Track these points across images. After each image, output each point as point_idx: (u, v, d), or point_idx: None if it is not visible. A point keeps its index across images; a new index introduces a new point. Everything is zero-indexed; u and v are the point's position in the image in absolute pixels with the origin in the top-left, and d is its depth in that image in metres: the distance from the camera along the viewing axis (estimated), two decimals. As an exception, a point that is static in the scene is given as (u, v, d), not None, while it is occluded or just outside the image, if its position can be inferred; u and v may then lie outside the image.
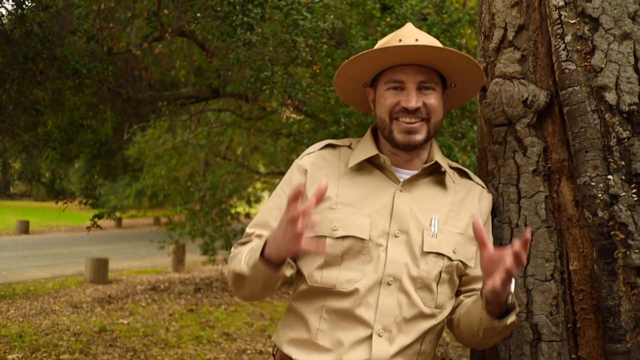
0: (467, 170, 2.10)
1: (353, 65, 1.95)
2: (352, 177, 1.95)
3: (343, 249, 1.85)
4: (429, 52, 1.85)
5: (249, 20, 5.37)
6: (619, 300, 1.86)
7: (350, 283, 1.84)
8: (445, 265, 1.88)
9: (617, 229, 1.86)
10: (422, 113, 1.90)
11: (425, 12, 7.54)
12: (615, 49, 1.92)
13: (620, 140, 1.89)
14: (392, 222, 1.88)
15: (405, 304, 1.84)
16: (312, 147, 2.06)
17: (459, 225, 1.95)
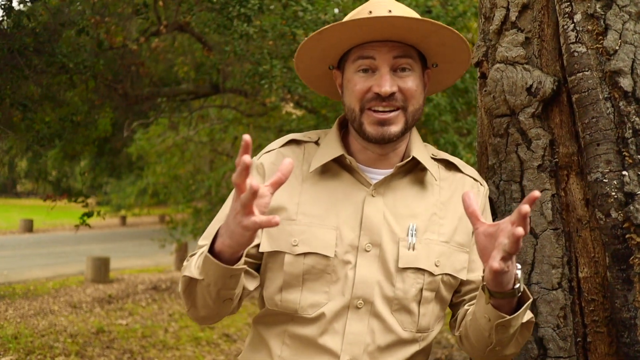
0: (455, 161, 1.81)
1: (316, 44, 1.65)
2: (316, 182, 1.68)
3: (304, 267, 1.59)
4: (405, 25, 1.55)
5: (246, 11, 5.18)
6: (635, 312, 1.64)
7: (314, 308, 1.59)
8: (426, 281, 1.62)
9: (633, 231, 1.64)
10: (397, 100, 1.61)
11: (429, 4, 7.33)
12: (630, 28, 1.70)
13: (637, 132, 1.67)
14: (361, 234, 1.61)
15: (378, 330, 1.59)
16: (273, 144, 1.79)
17: (443, 231, 1.68)
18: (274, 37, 6.22)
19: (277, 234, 1.62)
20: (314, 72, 1.79)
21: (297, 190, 1.66)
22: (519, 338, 1.58)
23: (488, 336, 1.52)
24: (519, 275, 1.42)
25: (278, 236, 1.62)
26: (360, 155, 1.71)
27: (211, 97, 9.42)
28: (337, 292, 1.58)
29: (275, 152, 1.74)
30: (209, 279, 1.45)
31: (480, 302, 1.51)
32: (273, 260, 1.64)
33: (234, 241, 1.36)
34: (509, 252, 1.29)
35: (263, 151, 1.76)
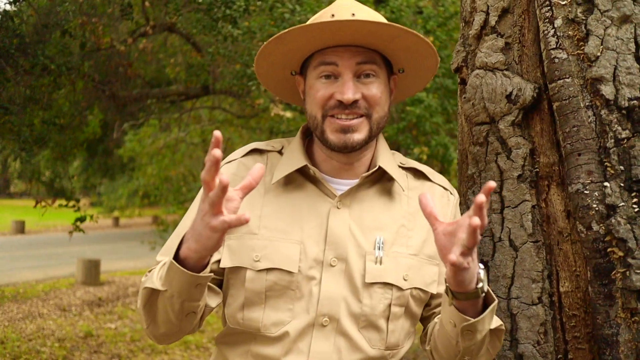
0: (424, 169, 1.74)
1: (276, 48, 1.57)
2: (279, 194, 1.60)
3: (267, 284, 1.52)
4: (368, 29, 1.47)
5: (231, 13, 5.10)
6: (617, 329, 1.58)
7: (278, 326, 1.51)
8: (394, 296, 1.55)
9: (615, 245, 1.58)
10: (360, 107, 1.54)
11: (421, 4, 7.27)
12: (612, 34, 1.64)
13: (619, 141, 1.61)
14: (326, 248, 1.53)
15: (345, 349, 1.51)
16: (235, 153, 1.71)
17: (412, 244, 1.61)
18: (262, 38, 6.15)
19: (239, 248, 1.55)
20: (276, 78, 1.71)
21: (259, 203, 1.59)
22: (490, 348, 1.53)
23: (455, 344, 1.46)
24: (482, 274, 1.36)
25: (239, 251, 1.55)
26: (324, 164, 1.64)
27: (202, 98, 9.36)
28: (302, 310, 1.51)
29: (236, 163, 1.66)
30: (173, 290, 1.37)
31: (445, 306, 1.45)
32: (234, 276, 1.56)
33: (200, 245, 1.29)
34: (467, 246, 1.23)
35: (224, 161, 1.68)
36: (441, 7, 7.27)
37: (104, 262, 12.04)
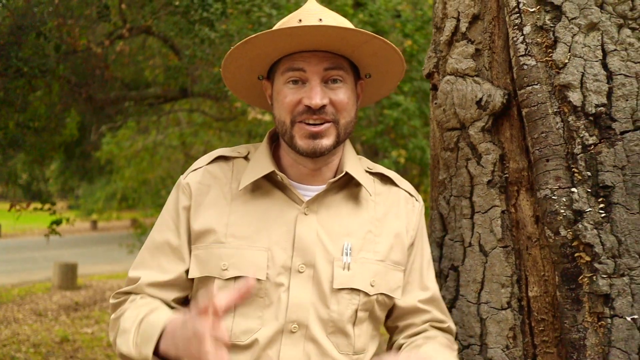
0: (391, 175, 1.74)
1: (243, 53, 1.56)
2: (246, 200, 1.60)
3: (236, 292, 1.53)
4: (335, 35, 1.47)
5: (208, 16, 5.08)
6: (584, 333, 1.60)
7: (247, 334, 1.50)
8: (361, 302, 1.55)
9: (582, 250, 1.60)
10: (328, 113, 1.54)
11: (399, 8, 7.30)
12: (580, 41, 1.66)
13: (586, 147, 1.63)
14: (294, 255, 1.53)
15: (314, 355, 1.51)
16: (200, 161, 1.70)
17: (378, 250, 1.61)
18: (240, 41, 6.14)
19: (206, 258, 1.55)
20: (243, 82, 1.70)
21: (226, 211, 1.58)
22: None
23: None
24: None
25: (207, 261, 1.54)
26: (291, 170, 1.64)
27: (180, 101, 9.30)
28: (271, 317, 1.51)
29: (202, 170, 1.65)
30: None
31: None
32: (203, 285, 1.56)
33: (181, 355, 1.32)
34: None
35: (190, 169, 1.67)
36: (419, 10, 7.31)
37: (82, 265, 11.93)
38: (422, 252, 1.72)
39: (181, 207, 1.60)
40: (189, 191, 1.61)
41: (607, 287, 1.57)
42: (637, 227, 1.58)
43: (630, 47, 1.63)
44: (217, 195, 1.60)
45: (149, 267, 1.60)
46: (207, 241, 1.55)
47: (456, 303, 1.85)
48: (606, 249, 1.58)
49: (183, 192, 1.62)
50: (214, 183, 1.62)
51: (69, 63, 6.70)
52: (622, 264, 1.57)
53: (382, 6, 7.05)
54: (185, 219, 1.60)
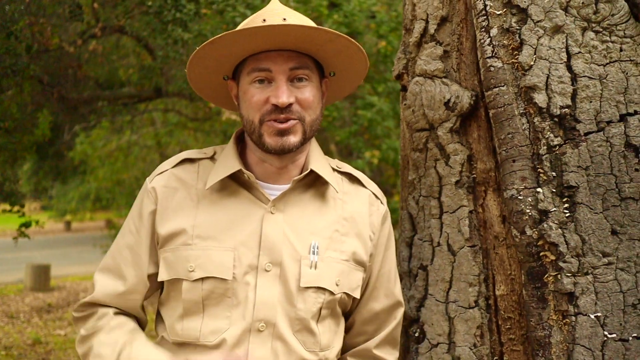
0: (359, 175, 1.76)
1: (208, 53, 1.57)
2: (213, 201, 1.60)
3: (203, 293, 1.51)
4: (300, 34, 1.49)
5: (182, 16, 5.06)
6: (549, 330, 1.62)
7: (216, 334, 1.50)
8: (326, 300, 1.57)
9: (547, 249, 1.63)
10: (294, 111, 1.55)
11: (374, 9, 7.33)
12: (545, 43, 1.69)
13: (551, 148, 1.66)
14: (261, 254, 1.54)
15: (282, 353, 1.52)
16: (166, 163, 1.69)
17: (344, 249, 1.63)
18: (215, 42, 6.12)
19: (175, 260, 1.55)
20: (209, 83, 1.71)
21: (193, 212, 1.58)
22: None
23: None
24: None
25: (175, 263, 1.54)
26: (258, 168, 1.64)
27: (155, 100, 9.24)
28: (239, 316, 1.51)
29: (167, 174, 1.65)
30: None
31: None
32: (173, 288, 1.56)
33: None
34: None
35: (155, 172, 1.67)
36: (394, 12, 7.35)
37: (55, 267, 11.79)
38: (391, 258, 1.75)
39: (146, 212, 1.61)
40: (155, 195, 1.61)
41: (571, 286, 1.60)
42: (601, 227, 1.61)
43: (594, 49, 1.66)
44: (183, 197, 1.60)
45: (110, 272, 1.62)
46: (175, 243, 1.55)
47: (425, 302, 1.87)
48: (570, 248, 1.60)
49: (148, 197, 1.62)
50: (180, 186, 1.62)
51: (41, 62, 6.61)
52: (586, 262, 1.60)
53: (356, 7, 7.08)
54: (149, 223, 1.60)
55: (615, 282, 1.59)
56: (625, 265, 1.60)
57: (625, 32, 1.66)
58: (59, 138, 10.97)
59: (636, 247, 1.60)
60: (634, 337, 1.57)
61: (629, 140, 1.62)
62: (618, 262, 1.60)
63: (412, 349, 1.89)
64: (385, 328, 1.74)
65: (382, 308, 1.73)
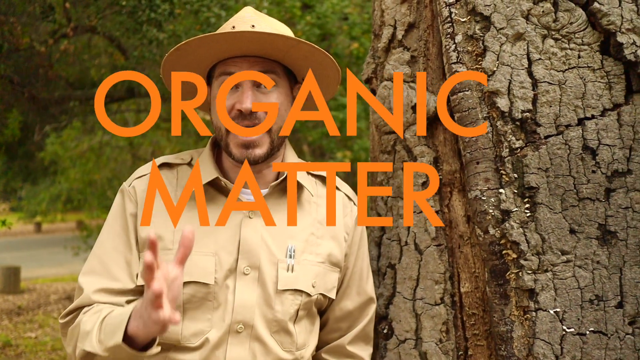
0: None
1: (177, 60, 1.60)
2: (192, 207, 1.62)
3: (185, 297, 1.54)
4: (264, 40, 1.53)
5: (156, 16, 5.06)
6: (511, 326, 1.69)
7: (197, 336, 1.54)
8: (303, 302, 1.63)
9: (509, 247, 1.70)
10: (259, 117, 1.58)
11: (346, 11, 7.39)
12: (507, 50, 1.75)
13: (513, 151, 1.73)
14: (239, 257, 1.58)
15: (260, 353, 1.57)
16: (144, 168, 1.71)
17: (320, 252, 1.68)
18: (188, 42, 6.12)
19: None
20: (184, 86, 1.74)
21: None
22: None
23: None
24: None
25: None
26: (232, 174, 1.68)
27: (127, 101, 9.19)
28: (219, 319, 1.55)
29: (146, 178, 1.66)
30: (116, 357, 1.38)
31: None
32: None
33: (148, 330, 1.30)
34: None
35: (133, 176, 1.69)
36: (366, 14, 7.42)
37: (25, 269, 11.65)
38: (362, 256, 1.81)
39: (128, 214, 1.62)
40: (135, 198, 1.63)
41: (531, 283, 1.67)
42: (560, 226, 1.68)
43: (554, 56, 1.74)
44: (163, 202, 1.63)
45: (98, 274, 1.59)
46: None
47: (393, 299, 1.93)
48: (531, 246, 1.67)
49: (129, 199, 1.63)
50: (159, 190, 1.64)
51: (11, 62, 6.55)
52: (546, 260, 1.67)
53: (329, 9, 7.14)
54: (133, 225, 1.61)
55: (573, 278, 1.67)
56: (583, 263, 1.67)
57: (583, 39, 1.73)
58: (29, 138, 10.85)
59: (593, 246, 1.68)
60: (590, 331, 1.65)
61: (586, 143, 1.69)
62: (576, 259, 1.67)
63: (381, 345, 1.94)
64: (358, 325, 1.79)
65: (354, 306, 1.78)
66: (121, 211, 1.63)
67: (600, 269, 1.67)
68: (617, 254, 1.67)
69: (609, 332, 1.65)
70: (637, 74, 1.71)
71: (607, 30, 1.72)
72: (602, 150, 1.69)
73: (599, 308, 1.66)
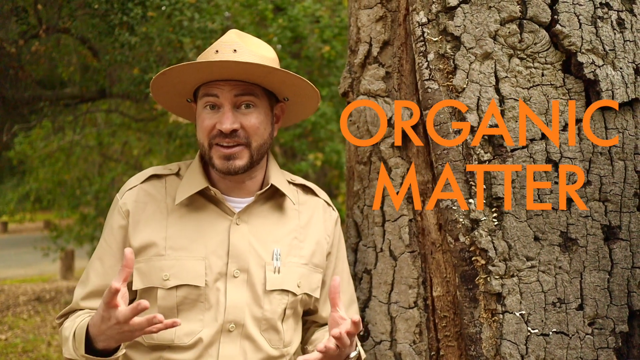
0: (311, 186, 1.94)
1: (165, 81, 1.72)
2: (182, 215, 1.74)
3: (177, 299, 1.66)
4: (243, 68, 1.64)
5: (129, 20, 5.09)
6: (480, 327, 1.81)
7: (190, 336, 1.65)
8: (290, 301, 1.75)
9: (478, 254, 1.81)
10: (240, 136, 1.69)
11: (318, 14, 7.48)
12: (476, 68, 1.87)
13: (482, 163, 1.84)
14: (229, 261, 1.70)
15: (250, 350, 1.69)
16: (134, 179, 1.82)
17: (303, 254, 1.80)
18: (160, 44, 6.15)
19: (148, 270, 1.67)
20: (174, 103, 1.85)
21: (164, 225, 1.71)
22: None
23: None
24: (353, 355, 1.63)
25: (149, 272, 1.67)
26: (220, 184, 1.78)
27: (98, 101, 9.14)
28: (211, 319, 1.66)
29: (137, 189, 1.77)
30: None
31: None
32: (147, 295, 1.69)
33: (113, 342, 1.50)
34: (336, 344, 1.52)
35: (125, 188, 1.79)
36: (337, 17, 7.52)
37: (-8, 270, 11.50)
38: (343, 259, 1.94)
39: (116, 226, 1.74)
40: (126, 210, 1.73)
41: (499, 287, 1.78)
42: (525, 234, 1.80)
43: (519, 74, 1.85)
44: (153, 211, 1.73)
45: (82, 283, 1.76)
46: (148, 254, 1.68)
47: (369, 303, 2.03)
48: (498, 253, 1.79)
49: (119, 213, 1.74)
50: (149, 200, 1.75)
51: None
52: (512, 266, 1.79)
53: (301, 12, 7.22)
54: (120, 236, 1.73)
55: (537, 283, 1.79)
56: (546, 268, 1.80)
57: (546, 59, 1.85)
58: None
59: (555, 252, 1.80)
60: (553, 332, 1.77)
61: (549, 156, 1.82)
62: (540, 265, 1.80)
63: (358, 346, 2.05)
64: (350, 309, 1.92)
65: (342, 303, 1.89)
66: (110, 224, 1.76)
67: (562, 274, 1.80)
68: (577, 259, 1.80)
69: (570, 333, 1.78)
70: (596, 91, 1.84)
71: (568, 50, 1.84)
72: (563, 163, 1.81)
73: (561, 310, 1.78)
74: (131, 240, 1.70)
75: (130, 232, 1.71)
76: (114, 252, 1.73)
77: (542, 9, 1.84)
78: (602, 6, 1.88)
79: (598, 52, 1.84)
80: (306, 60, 7.16)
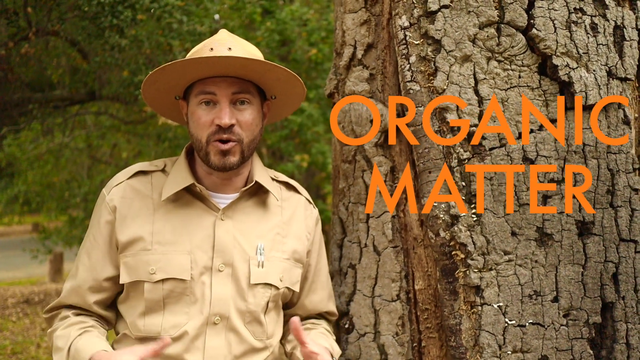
0: (293, 183, 2.01)
1: (160, 77, 1.77)
2: (168, 210, 1.80)
3: (164, 293, 1.72)
4: (242, 64, 1.70)
5: (118, 22, 5.14)
6: (460, 319, 1.88)
7: (176, 328, 1.71)
8: (272, 294, 1.81)
9: (458, 249, 1.89)
10: (235, 133, 1.76)
11: (305, 17, 7.55)
12: (456, 70, 1.94)
13: (461, 161, 1.92)
14: (214, 256, 1.76)
15: (234, 342, 1.75)
16: (121, 175, 1.86)
17: (285, 249, 1.87)
18: (150, 47, 6.20)
19: (135, 264, 1.73)
20: (163, 102, 1.90)
21: (150, 220, 1.77)
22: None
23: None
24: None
25: (136, 266, 1.73)
26: (206, 180, 1.84)
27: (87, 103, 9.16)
28: (197, 312, 1.72)
29: (123, 185, 1.82)
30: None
31: None
32: (134, 289, 1.75)
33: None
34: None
35: (111, 184, 1.83)
36: (324, 20, 7.59)
37: (-21, 273, 11.45)
38: (323, 255, 2.01)
39: (103, 221, 1.78)
40: (113, 206, 1.78)
41: (478, 280, 1.86)
42: (502, 229, 1.88)
43: (497, 76, 1.93)
44: (140, 207, 1.79)
45: (71, 277, 1.81)
46: (135, 249, 1.74)
47: (354, 297, 2.11)
48: (477, 247, 1.87)
49: (106, 208, 1.79)
50: (135, 196, 1.80)
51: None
52: (490, 260, 1.87)
53: (289, 15, 7.29)
54: (106, 231, 1.78)
55: (514, 276, 1.87)
56: (523, 262, 1.87)
57: (523, 61, 1.93)
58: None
59: (532, 246, 1.88)
60: (530, 323, 1.85)
61: (526, 155, 1.90)
62: (517, 259, 1.87)
63: (343, 339, 2.12)
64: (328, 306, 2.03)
65: (320, 299, 1.99)
66: (97, 219, 1.80)
67: (538, 268, 1.87)
68: (553, 254, 1.88)
69: (545, 324, 1.85)
70: (570, 93, 1.92)
71: (544, 53, 1.92)
72: (539, 161, 1.89)
73: (537, 302, 1.86)
74: (118, 235, 1.75)
75: (117, 227, 1.76)
76: (100, 247, 1.78)
77: (519, 13, 1.92)
78: (576, 11, 1.96)
79: (572, 55, 1.92)
80: (294, 63, 7.22)
